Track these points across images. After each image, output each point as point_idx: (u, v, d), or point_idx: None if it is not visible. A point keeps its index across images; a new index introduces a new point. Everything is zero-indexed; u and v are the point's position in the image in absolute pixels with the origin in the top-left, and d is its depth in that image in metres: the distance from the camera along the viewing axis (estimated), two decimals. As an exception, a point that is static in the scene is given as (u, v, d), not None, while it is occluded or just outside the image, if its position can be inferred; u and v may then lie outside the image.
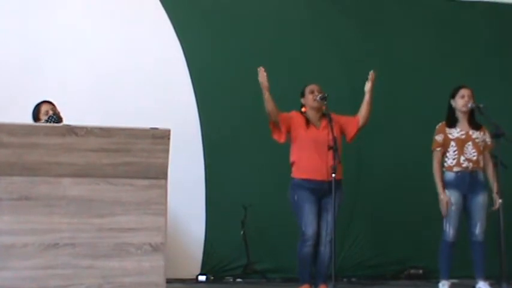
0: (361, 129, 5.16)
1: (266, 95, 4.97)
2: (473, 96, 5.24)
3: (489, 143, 5.24)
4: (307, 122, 5.07)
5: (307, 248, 4.92)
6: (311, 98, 5.07)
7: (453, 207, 5.15)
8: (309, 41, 6.78)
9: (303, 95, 5.16)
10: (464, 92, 5.25)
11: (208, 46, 6.56)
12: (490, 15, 7.13)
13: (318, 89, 5.09)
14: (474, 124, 5.26)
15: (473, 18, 7.06)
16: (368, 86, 5.05)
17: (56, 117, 4.73)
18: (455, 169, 5.19)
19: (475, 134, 5.22)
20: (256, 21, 6.75)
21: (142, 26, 6.49)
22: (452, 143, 5.22)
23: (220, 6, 6.71)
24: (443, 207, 5.16)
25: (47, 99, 4.98)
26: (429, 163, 5.33)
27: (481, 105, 5.16)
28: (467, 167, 5.16)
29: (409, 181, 6.46)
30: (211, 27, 6.63)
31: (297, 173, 5.03)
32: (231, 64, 6.52)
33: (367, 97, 5.08)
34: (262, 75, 4.94)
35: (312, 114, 5.10)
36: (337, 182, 4.80)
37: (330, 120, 4.85)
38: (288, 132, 5.10)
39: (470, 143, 5.20)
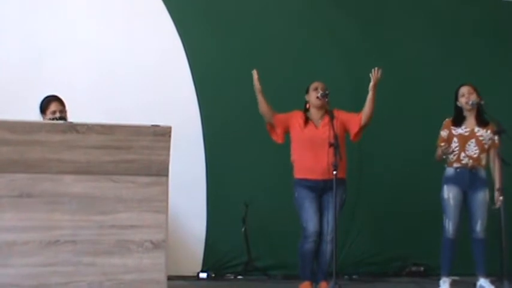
0: (365, 127, 5.10)
1: (259, 97, 5.03)
2: (476, 91, 5.20)
3: (496, 141, 5.15)
4: (306, 120, 5.05)
5: (309, 245, 4.91)
6: (314, 96, 5.06)
7: (452, 203, 5.14)
8: (310, 39, 6.76)
9: (307, 91, 5.16)
10: (463, 90, 5.22)
11: (210, 43, 6.55)
12: (490, 12, 7.12)
13: (322, 87, 5.07)
14: (481, 121, 5.21)
15: (474, 15, 7.04)
16: (371, 83, 4.97)
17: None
18: (455, 165, 5.18)
19: (480, 132, 5.18)
20: (257, 19, 6.73)
21: (143, 23, 6.47)
22: (455, 139, 5.20)
23: (221, 4, 6.70)
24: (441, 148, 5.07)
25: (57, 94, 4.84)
26: (430, 161, 5.32)
27: (482, 102, 5.15)
28: (466, 164, 5.15)
29: (410, 179, 6.45)
30: (212, 25, 6.62)
31: (296, 173, 5.04)
32: (232, 61, 6.51)
33: (370, 94, 4.99)
34: (254, 78, 4.99)
35: (314, 112, 5.09)
36: (339, 179, 4.72)
37: (332, 118, 4.82)
38: (286, 132, 5.13)
39: (473, 140, 5.17)
